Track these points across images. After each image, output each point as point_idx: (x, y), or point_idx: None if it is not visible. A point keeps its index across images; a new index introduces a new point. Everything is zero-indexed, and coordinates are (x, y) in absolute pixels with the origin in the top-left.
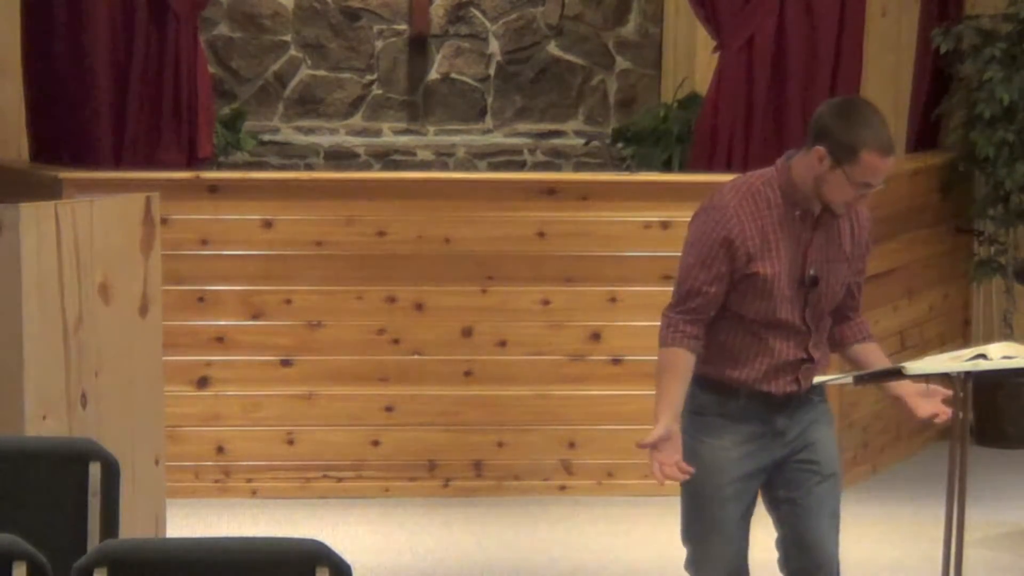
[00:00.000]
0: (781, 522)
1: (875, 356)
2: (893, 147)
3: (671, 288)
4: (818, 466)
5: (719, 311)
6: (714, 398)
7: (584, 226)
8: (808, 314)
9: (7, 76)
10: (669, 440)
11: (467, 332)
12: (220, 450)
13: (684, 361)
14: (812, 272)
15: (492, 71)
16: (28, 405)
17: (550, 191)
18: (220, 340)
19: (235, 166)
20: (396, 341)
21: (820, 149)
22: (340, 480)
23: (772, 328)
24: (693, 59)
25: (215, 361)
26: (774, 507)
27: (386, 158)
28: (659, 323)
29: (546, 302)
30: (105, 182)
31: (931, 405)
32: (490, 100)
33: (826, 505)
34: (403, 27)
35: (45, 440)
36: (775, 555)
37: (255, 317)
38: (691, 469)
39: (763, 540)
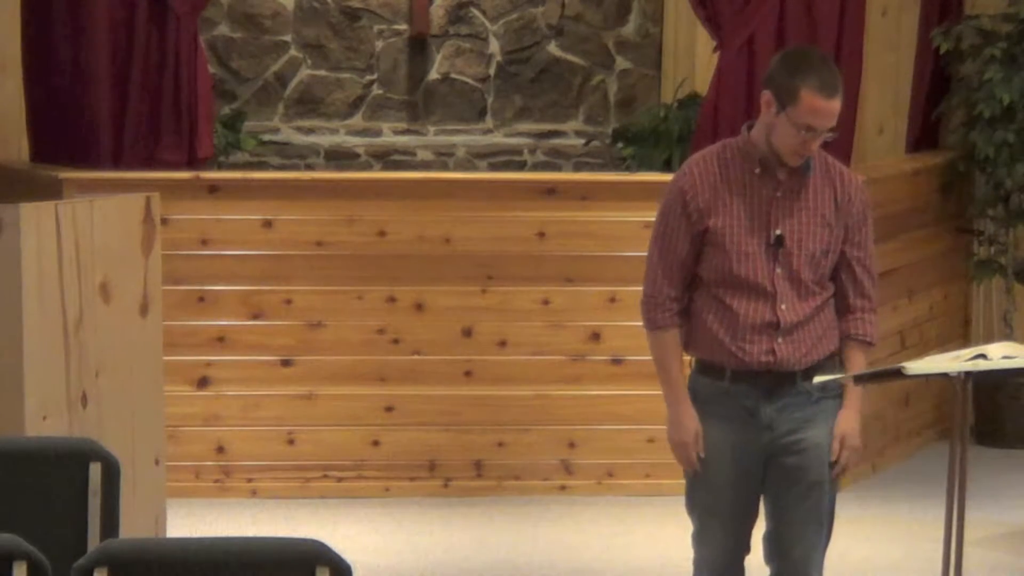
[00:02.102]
0: (766, 518)
1: (849, 361)
2: (837, 90)
3: None
4: (805, 472)
5: (690, 284)
6: (705, 380)
7: (584, 226)
8: (779, 275)
9: (7, 75)
10: (696, 432)
11: (467, 332)
12: (220, 450)
13: (679, 341)
14: (778, 231)
15: (492, 71)
16: (28, 405)
17: (550, 191)
18: (220, 340)
19: (235, 166)
20: (396, 341)
21: (766, 93)
22: (340, 480)
23: (732, 288)
24: (693, 59)
25: (215, 361)
26: (764, 498)
27: (386, 158)
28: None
29: (546, 302)
30: (105, 182)
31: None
32: (490, 100)
33: (810, 512)
34: (403, 27)
35: (45, 440)
36: None
37: (255, 317)
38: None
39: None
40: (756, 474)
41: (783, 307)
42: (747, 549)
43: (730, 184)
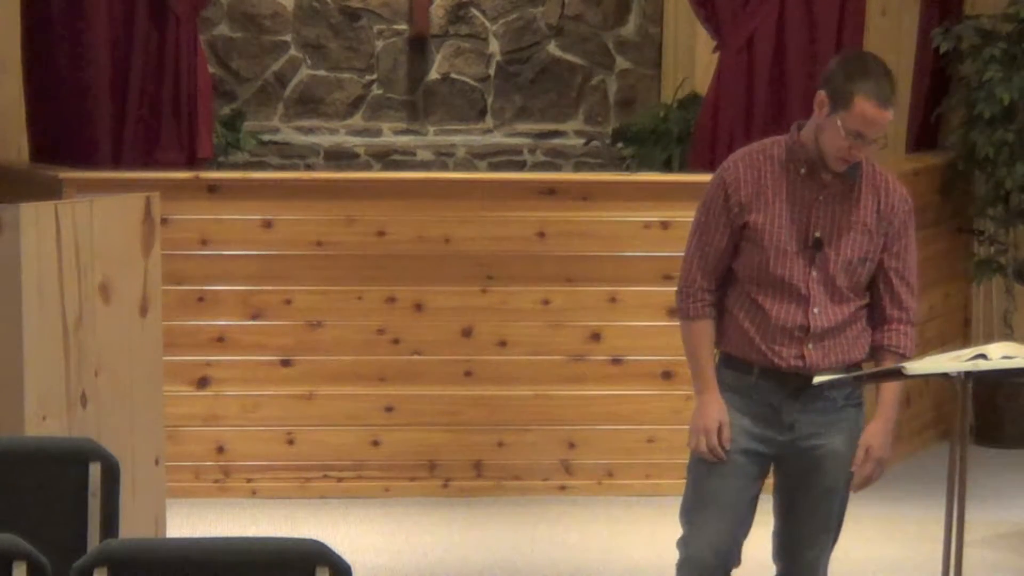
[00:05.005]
0: (775, 516)
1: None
2: (890, 102)
3: (671, 288)
4: (820, 479)
5: (724, 278)
6: (730, 373)
7: (584, 226)
8: (814, 278)
9: (7, 75)
10: (721, 422)
11: (467, 332)
12: (220, 450)
13: (711, 332)
14: (817, 234)
15: (492, 71)
16: (28, 405)
17: (550, 191)
18: (220, 340)
19: (235, 166)
20: (396, 341)
21: (821, 94)
22: (340, 480)
23: (766, 287)
24: (693, 59)
25: (215, 361)
26: (774, 495)
27: (386, 158)
28: (661, 321)
29: (546, 302)
30: (105, 182)
31: (863, 467)
32: (490, 100)
33: (822, 518)
34: (403, 27)
35: (45, 440)
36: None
37: (255, 317)
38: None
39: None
40: (762, 471)
41: (815, 311)
42: (736, 560)
43: (774, 182)
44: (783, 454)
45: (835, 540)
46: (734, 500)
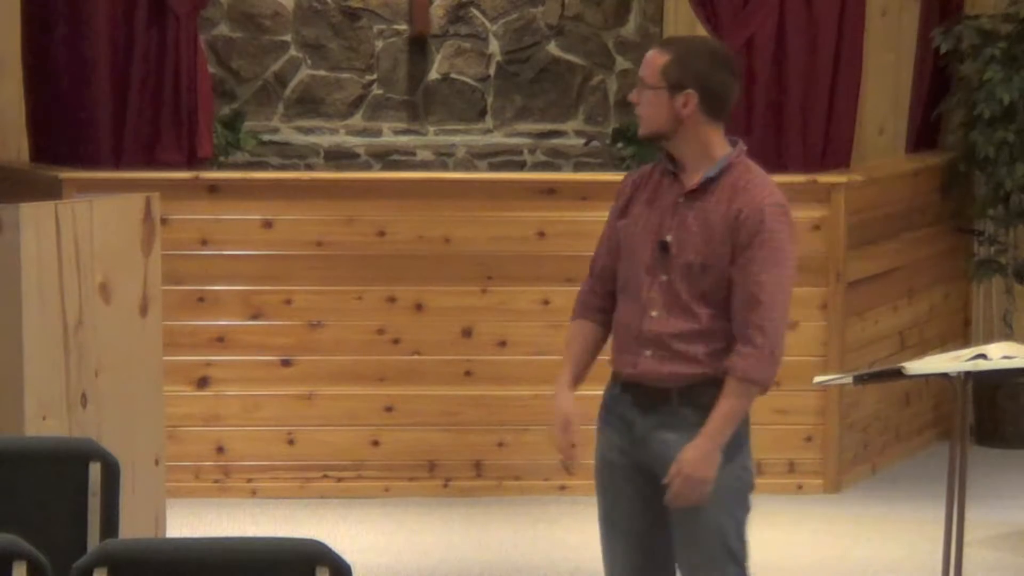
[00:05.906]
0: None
1: (720, 396)
2: (661, 44)
3: None
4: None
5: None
6: (608, 385)
7: (584, 226)
8: (661, 282)
9: (7, 76)
10: (566, 417)
11: (467, 332)
12: (220, 450)
13: (582, 331)
14: (668, 237)
15: (492, 71)
16: (28, 405)
17: (550, 191)
18: (220, 340)
19: (235, 166)
20: (396, 341)
21: None
22: (340, 480)
23: (623, 293)
24: None
25: (215, 361)
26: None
27: (386, 158)
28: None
29: (546, 302)
30: (105, 182)
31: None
32: (490, 100)
33: (688, 536)
34: (403, 27)
35: (45, 440)
36: (771, 555)
37: (255, 317)
38: (576, 456)
39: (765, 540)
40: (639, 485)
41: (653, 314)
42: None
43: (646, 187)
44: (647, 472)
45: (736, 562)
46: (630, 524)
